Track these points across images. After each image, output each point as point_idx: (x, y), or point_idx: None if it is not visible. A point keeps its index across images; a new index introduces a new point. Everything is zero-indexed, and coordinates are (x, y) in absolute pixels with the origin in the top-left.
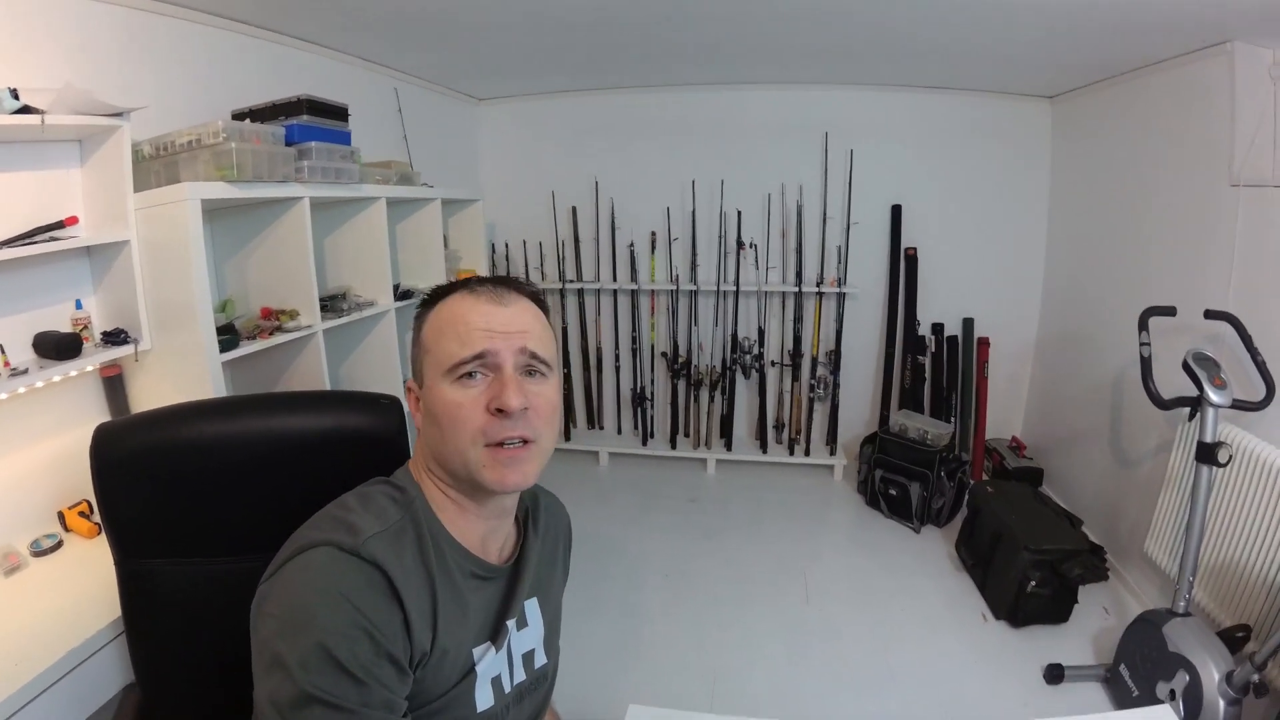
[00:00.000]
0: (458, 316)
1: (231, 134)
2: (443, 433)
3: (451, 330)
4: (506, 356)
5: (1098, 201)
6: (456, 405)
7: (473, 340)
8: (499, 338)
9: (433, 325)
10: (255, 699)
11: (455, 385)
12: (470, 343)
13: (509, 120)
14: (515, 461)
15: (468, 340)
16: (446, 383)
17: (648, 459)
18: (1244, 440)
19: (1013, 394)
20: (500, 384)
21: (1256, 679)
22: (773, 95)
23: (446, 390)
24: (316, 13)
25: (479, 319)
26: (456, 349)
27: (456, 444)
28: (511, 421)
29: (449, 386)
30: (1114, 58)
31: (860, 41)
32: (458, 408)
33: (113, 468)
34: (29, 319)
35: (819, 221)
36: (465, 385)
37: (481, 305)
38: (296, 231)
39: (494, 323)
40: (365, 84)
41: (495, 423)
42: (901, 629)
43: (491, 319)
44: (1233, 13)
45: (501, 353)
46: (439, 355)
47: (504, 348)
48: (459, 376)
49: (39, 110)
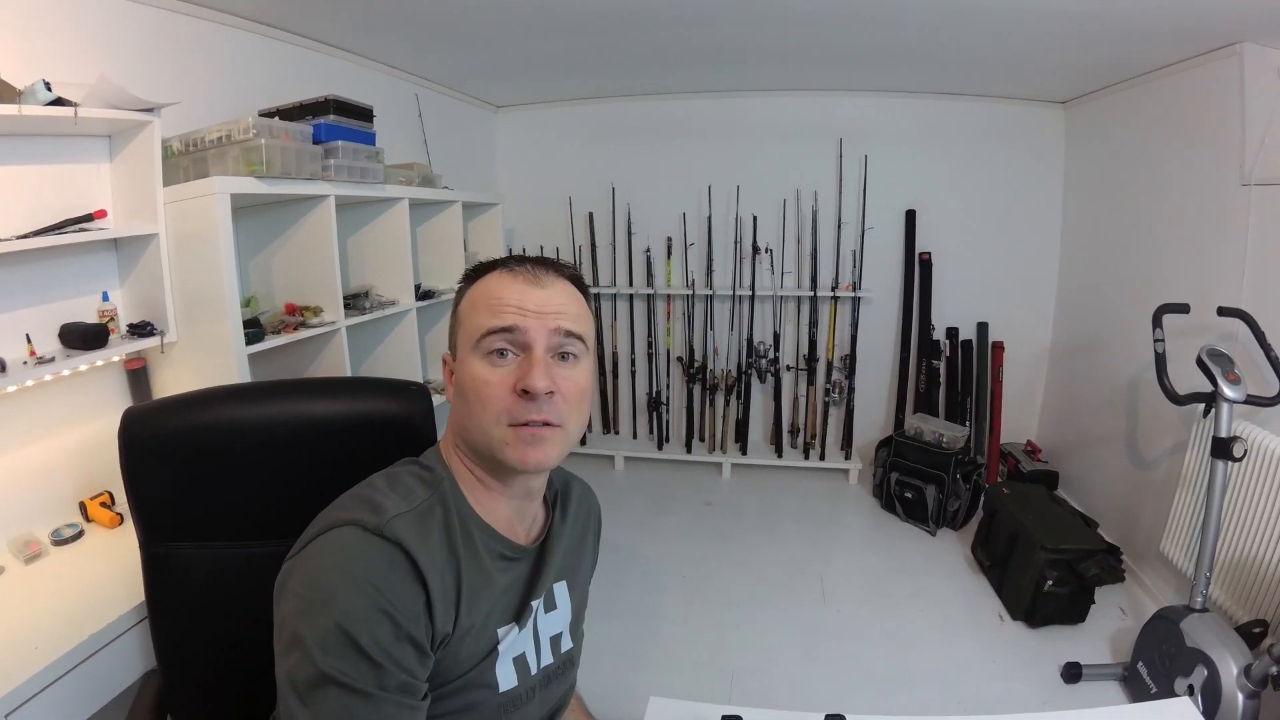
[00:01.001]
0: (491, 292)
1: (261, 131)
2: (469, 408)
3: (484, 304)
4: (538, 336)
5: (1111, 204)
6: (484, 382)
7: (504, 314)
8: (531, 316)
9: (469, 299)
10: (277, 676)
11: (484, 361)
12: (501, 315)
13: (526, 127)
14: (537, 440)
15: (499, 313)
16: (476, 356)
17: (663, 463)
18: (1259, 436)
19: (1028, 398)
20: (528, 364)
21: (1275, 671)
22: (787, 101)
23: (476, 365)
24: (339, 15)
25: (513, 295)
26: (487, 319)
27: (481, 421)
28: (536, 404)
29: (478, 361)
30: (1125, 62)
31: (874, 47)
32: (485, 385)
33: (141, 450)
34: (55, 310)
35: (834, 227)
36: (494, 363)
37: (517, 283)
38: (322, 229)
39: (527, 301)
40: (387, 88)
41: (520, 404)
42: (919, 629)
43: (525, 297)
44: (1242, 15)
45: (532, 331)
46: (470, 327)
47: (536, 326)
48: (488, 352)
49: (72, 103)
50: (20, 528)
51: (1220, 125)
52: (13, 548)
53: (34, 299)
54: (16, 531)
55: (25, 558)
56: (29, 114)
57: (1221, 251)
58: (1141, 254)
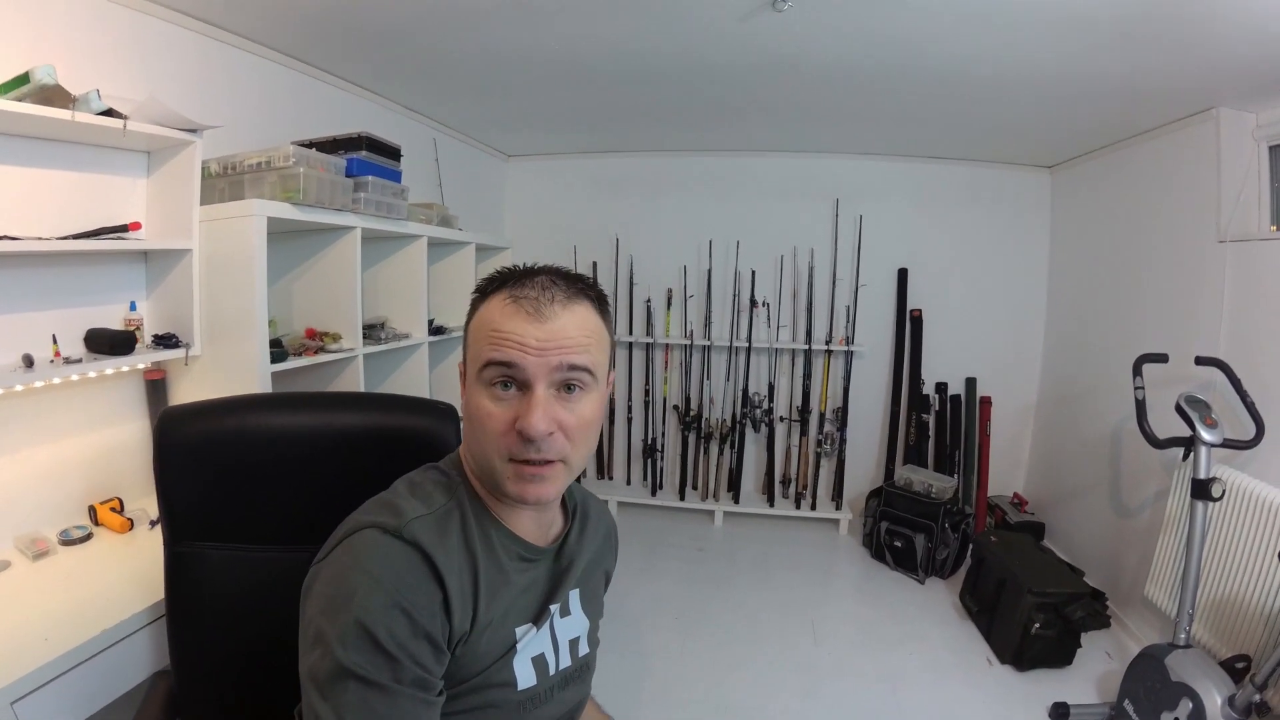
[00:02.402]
0: (494, 320)
1: (300, 159)
2: (474, 433)
3: (486, 331)
4: (539, 374)
5: (1095, 264)
6: (487, 414)
7: (504, 348)
8: (532, 353)
9: (477, 319)
10: (300, 673)
11: (487, 391)
12: (501, 349)
13: (535, 176)
14: (538, 479)
15: (499, 345)
16: (480, 384)
17: (656, 509)
18: (1237, 479)
19: (1015, 451)
20: (528, 405)
21: (1258, 699)
22: (787, 162)
23: (479, 394)
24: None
25: (514, 328)
26: (487, 350)
27: (483, 450)
28: (535, 445)
29: (482, 390)
30: (1108, 128)
31: (871, 109)
32: (488, 417)
33: (175, 448)
34: (83, 315)
35: (829, 282)
36: (495, 395)
37: (519, 318)
38: (347, 259)
39: (528, 337)
40: (408, 130)
41: (519, 443)
42: (909, 673)
43: (526, 333)
44: (1217, 81)
45: (531, 369)
46: (474, 352)
47: (535, 364)
48: (491, 383)
49: (122, 115)
50: (28, 526)
51: (1197, 185)
52: (19, 544)
53: (63, 302)
54: (24, 530)
55: (32, 554)
56: (81, 120)
57: (1199, 305)
58: (1123, 309)
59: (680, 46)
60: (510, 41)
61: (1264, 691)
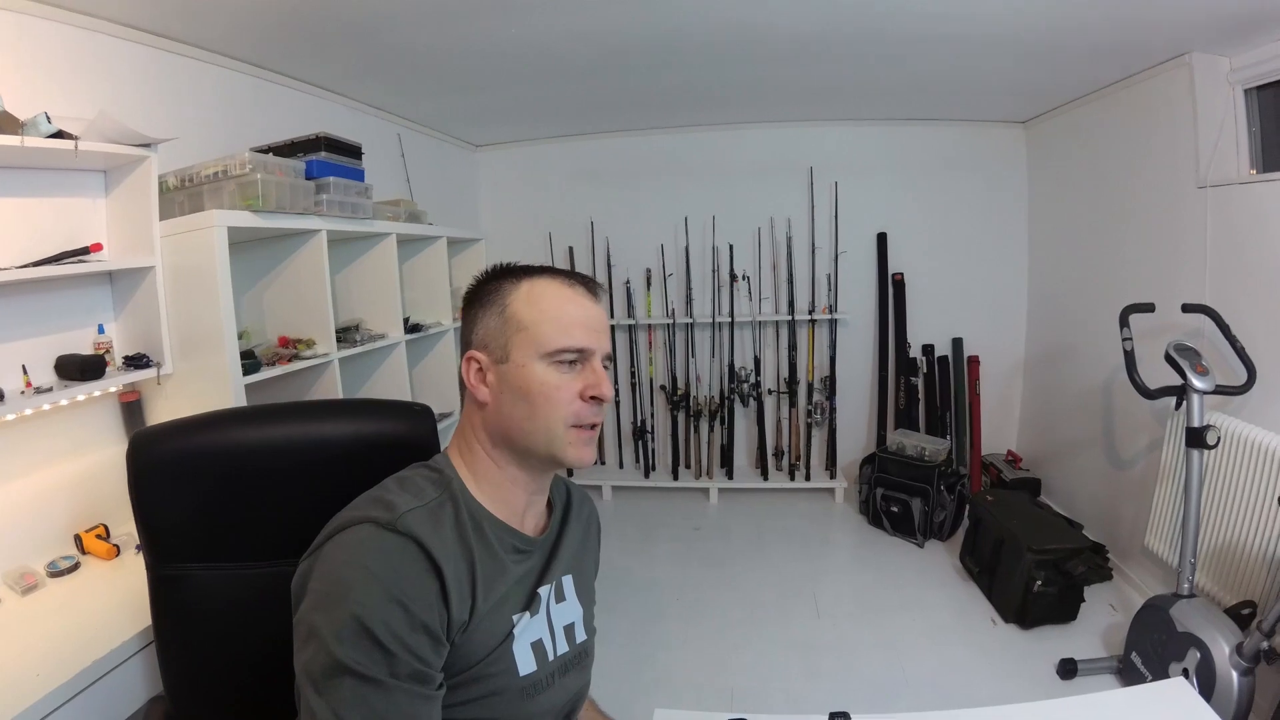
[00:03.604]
0: (559, 305)
1: (257, 166)
2: (533, 409)
3: (554, 316)
4: (598, 352)
5: (1074, 217)
6: (555, 387)
7: (574, 334)
8: (594, 335)
9: (528, 305)
10: (295, 670)
11: (553, 368)
12: (573, 336)
13: (506, 165)
14: (593, 442)
15: (570, 332)
16: (544, 364)
17: (650, 491)
18: (1232, 425)
19: (1005, 409)
20: (595, 375)
21: (1266, 646)
22: (758, 134)
23: (544, 371)
24: (326, 60)
25: (578, 312)
26: (560, 337)
27: (546, 421)
28: (600, 408)
29: (547, 368)
30: (1080, 79)
31: (840, 79)
32: (555, 389)
33: (149, 471)
34: (51, 342)
35: (808, 252)
36: (563, 370)
37: (580, 299)
38: (314, 263)
39: (591, 320)
40: (370, 129)
41: (588, 408)
42: (913, 638)
43: (589, 316)
44: (1188, 26)
45: (595, 348)
46: (539, 337)
47: (597, 346)
48: (559, 362)
49: (73, 136)
50: (14, 561)
51: (1174, 132)
52: (8, 580)
53: (30, 331)
54: (11, 565)
55: (21, 589)
56: (31, 145)
57: (1182, 252)
58: (1106, 261)
59: (649, 26)
60: (478, 35)
61: (1272, 638)
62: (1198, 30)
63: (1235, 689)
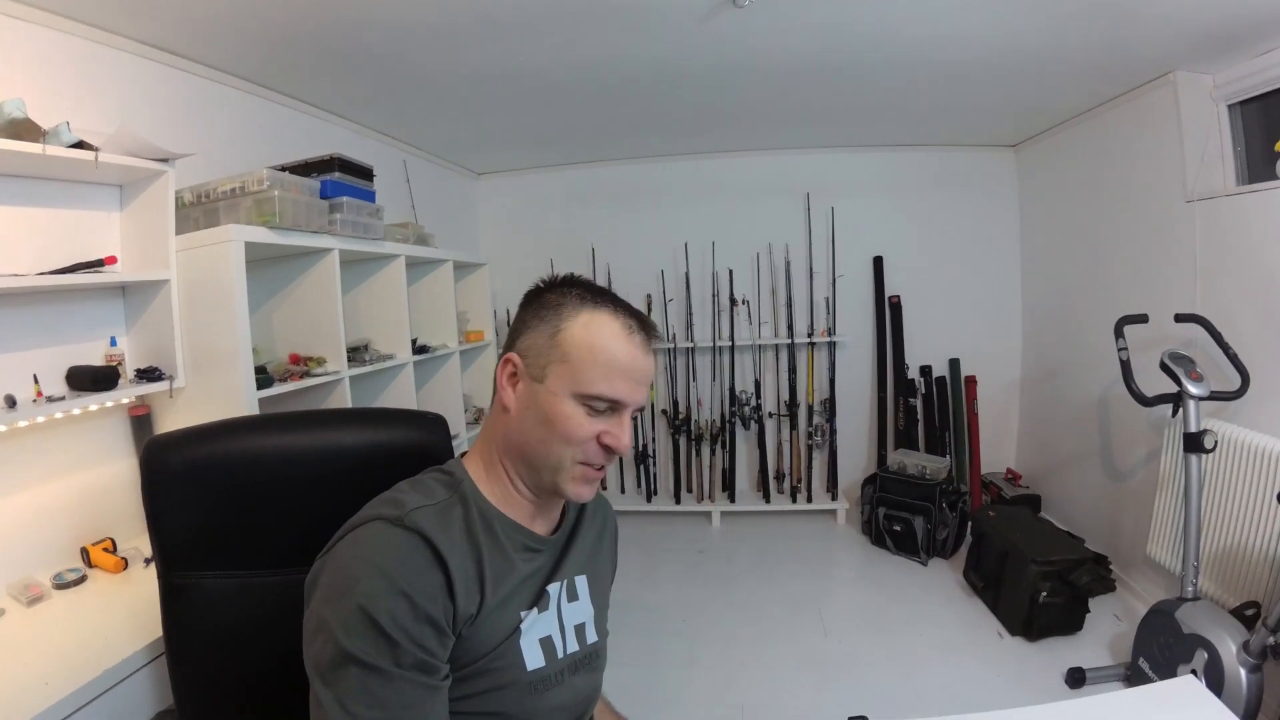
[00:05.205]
0: (611, 351)
1: (275, 183)
2: (550, 434)
3: (602, 362)
4: (632, 405)
5: (1065, 235)
6: (576, 422)
7: (616, 386)
8: (635, 390)
9: (580, 335)
10: (305, 665)
11: (582, 407)
12: (615, 387)
13: (507, 192)
14: (595, 482)
15: (612, 382)
16: (575, 402)
17: (653, 515)
18: (1228, 430)
19: (1004, 428)
20: (619, 425)
21: (1273, 642)
22: (755, 161)
23: (570, 407)
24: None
25: (628, 362)
26: (600, 384)
27: (557, 450)
28: (611, 456)
29: (574, 405)
30: (1068, 102)
31: (835, 105)
32: (578, 426)
33: (162, 478)
34: (63, 353)
35: (806, 276)
36: (590, 412)
37: (635, 351)
38: (326, 281)
39: (637, 373)
40: (377, 153)
41: (599, 453)
42: (921, 654)
43: (637, 369)
44: (1170, 46)
45: (630, 403)
46: (578, 375)
47: (632, 400)
48: (589, 403)
49: (94, 147)
50: (20, 572)
51: (1161, 149)
52: (12, 591)
53: (42, 341)
54: (16, 576)
55: (27, 600)
56: (53, 154)
57: (1173, 266)
58: (1098, 277)
59: (646, 54)
60: (482, 63)
61: (1277, 634)
62: (1181, 49)
63: (1244, 687)
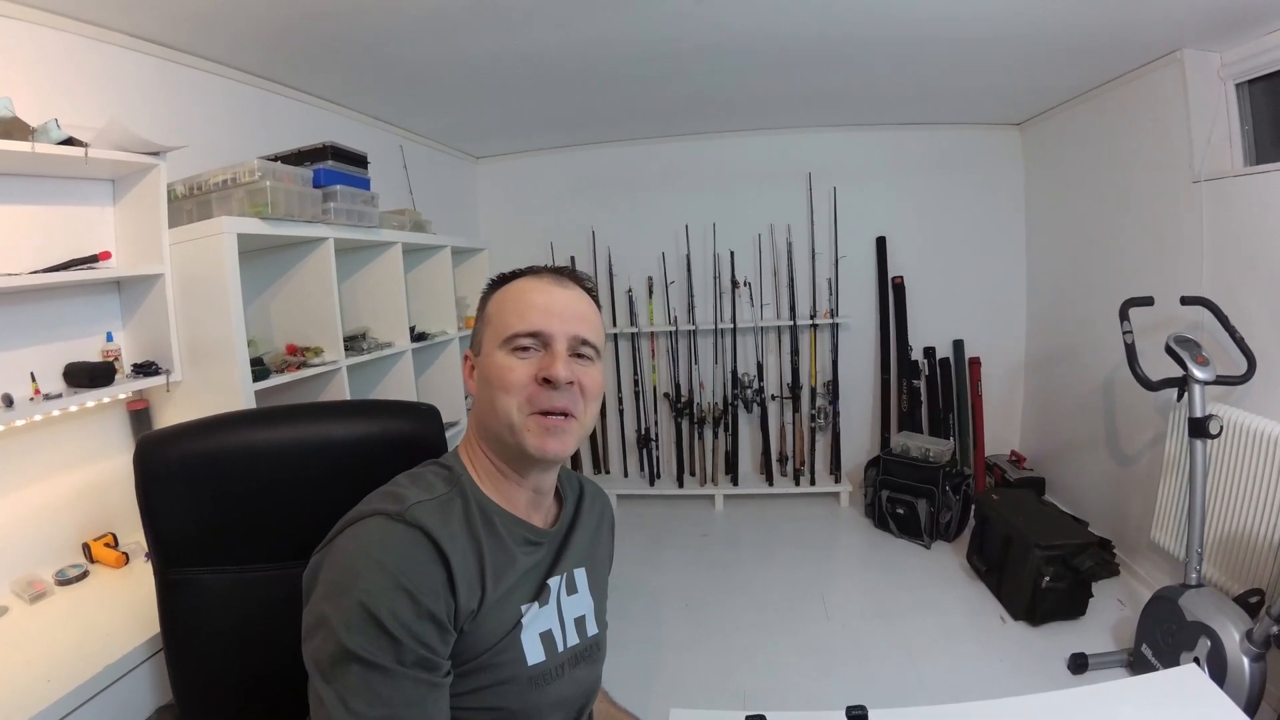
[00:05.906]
0: (521, 294)
1: (266, 173)
2: (493, 395)
3: (514, 306)
4: (560, 337)
5: (1071, 215)
6: (509, 369)
7: (530, 317)
8: (555, 319)
9: (497, 301)
10: (304, 660)
11: (510, 354)
12: (528, 319)
13: (506, 176)
14: (557, 431)
15: (526, 316)
16: (502, 351)
17: (656, 499)
18: (1234, 415)
19: (1008, 410)
20: (550, 358)
21: (1276, 631)
22: (757, 141)
23: (501, 357)
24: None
25: (540, 298)
26: (515, 322)
27: (505, 406)
28: (558, 394)
29: (504, 354)
30: (1073, 80)
31: (838, 86)
32: (509, 371)
33: (156, 474)
34: (59, 350)
35: (808, 257)
36: (519, 355)
37: (544, 285)
38: (322, 271)
39: (553, 304)
40: (373, 140)
41: (542, 393)
42: (924, 638)
43: (551, 300)
44: (1178, 24)
45: (555, 333)
46: (498, 326)
47: (558, 330)
48: (515, 348)
49: (83, 143)
50: (22, 569)
51: (1168, 129)
52: (15, 588)
53: (38, 338)
54: (19, 573)
55: (30, 597)
56: (42, 152)
57: (1179, 246)
58: (1104, 258)
59: (645, 34)
60: (478, 49)
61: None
62: (1188, 27)
63: (1247, 675)
